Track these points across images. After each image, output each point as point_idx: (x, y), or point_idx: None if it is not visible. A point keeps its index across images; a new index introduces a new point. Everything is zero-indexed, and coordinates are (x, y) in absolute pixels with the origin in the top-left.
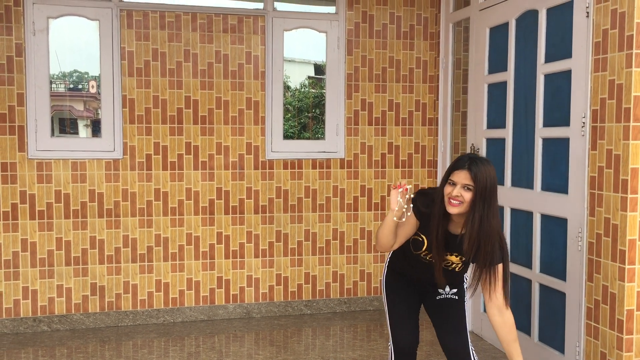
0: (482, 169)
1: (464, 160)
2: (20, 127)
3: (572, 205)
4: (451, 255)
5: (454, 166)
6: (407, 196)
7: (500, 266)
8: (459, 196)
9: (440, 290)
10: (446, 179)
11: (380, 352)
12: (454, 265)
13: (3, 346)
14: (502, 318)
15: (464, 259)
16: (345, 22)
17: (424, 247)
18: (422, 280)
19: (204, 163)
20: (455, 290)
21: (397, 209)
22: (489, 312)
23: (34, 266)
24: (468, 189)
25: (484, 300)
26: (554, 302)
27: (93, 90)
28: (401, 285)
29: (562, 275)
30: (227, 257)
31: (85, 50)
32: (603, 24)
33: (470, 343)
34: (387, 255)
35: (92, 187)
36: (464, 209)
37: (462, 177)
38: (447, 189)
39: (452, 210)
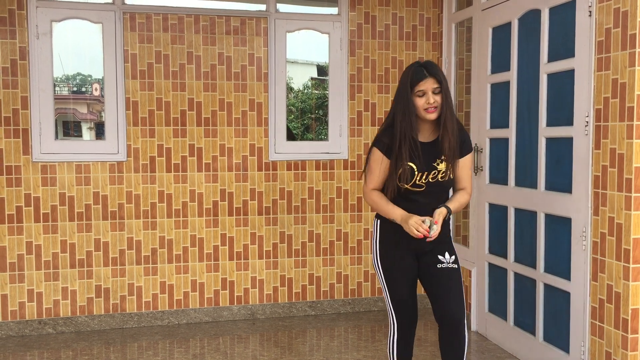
0: (437, 69)
1: (420, 70)
2: (25, 130)
3: (576, 205)
4: (439, 163)
5: (415, 79)
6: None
7: (471, 154)
8: (433, 102)
9: (441, 258)
10: (409, 94)
11: (385, 352)
12: (441, 174)
13: (8, 349)
14: (464, 191)
15: (448, 160)
16: (347, 23)
17: (416, 171)
18: (419, 213)
19: (208, 165)
20: (453, 257)
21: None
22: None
23: (39, 269)
24: (436, 92)
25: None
26: (558, 301)
27: (96, 93)
28: (396, 258)
29: (566, 275)
30: (231, 258)
31: (88, 53)
32: (606, 23)
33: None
34: (375, 225)
35: (96, 190)
36: (439, 112)
37: (429, 84)
38: (420, 101)
39: (433, 116)
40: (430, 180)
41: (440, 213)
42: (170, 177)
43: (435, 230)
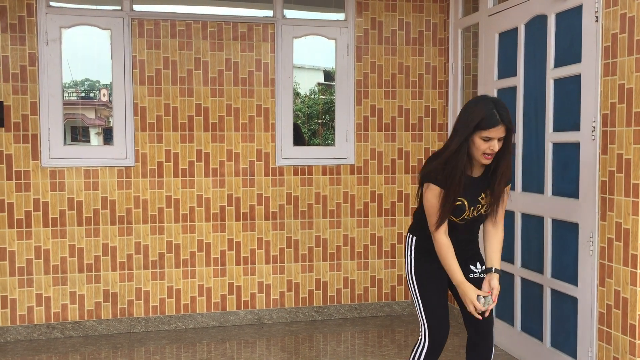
0: (508, 113)
1: (494, 115)
2: (34, 135)
3: (583, 210)
4: (484, 197)
5: (485, 124)
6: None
7: (508, 187)
8: (496, 149)
9: (473, 268)
10: (470, 134)
11: (392, 357)
12: (484, 208)
13: (17, 353)
14: (496, 229)
15: (490, 194)
16: (354, 28)
17: (465, 208)
18: (458, 241)
19: (215, 170)
20: (483, 267)
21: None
22: (485, 226)
23: (47, 273)
24: (502, 139)
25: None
26: (565, 307)
27: (104, 99)
28: (431, 270)
29: (573, 280)
30: (238, 263)
31: (97, 59)
32: (612, 28)
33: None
34: (409, 240)
35: (105, 195)
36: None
37: (499, 132)
38: (483, 145)
39: (487, 162)
40: (475, 214)
41: (495, 287)
42: (177, 182)
43: (491, 305)
